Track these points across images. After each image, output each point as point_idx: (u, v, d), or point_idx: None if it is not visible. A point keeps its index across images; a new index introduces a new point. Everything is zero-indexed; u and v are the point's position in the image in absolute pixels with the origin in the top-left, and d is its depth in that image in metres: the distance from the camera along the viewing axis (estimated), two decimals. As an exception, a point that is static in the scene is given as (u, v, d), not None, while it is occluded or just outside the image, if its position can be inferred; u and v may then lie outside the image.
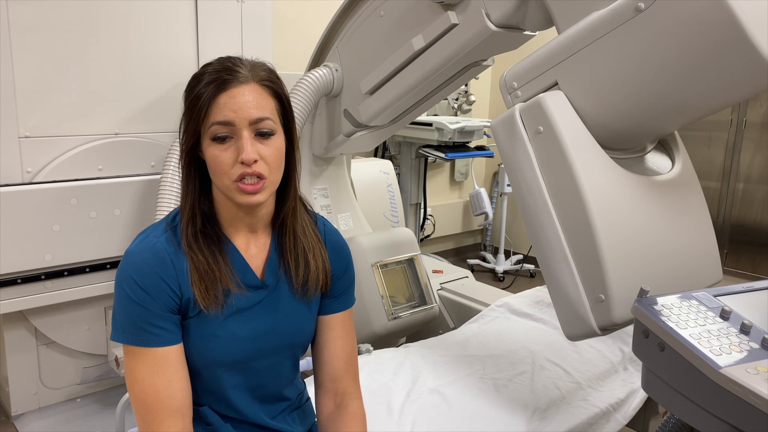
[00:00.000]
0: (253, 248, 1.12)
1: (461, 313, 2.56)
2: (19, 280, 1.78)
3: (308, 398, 1.29)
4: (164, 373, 1.01)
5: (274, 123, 1.04)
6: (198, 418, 1.11)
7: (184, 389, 1.04)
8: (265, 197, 1.04)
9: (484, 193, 4.02)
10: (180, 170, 1.08)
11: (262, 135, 1.02)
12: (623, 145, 1.41)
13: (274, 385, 1.16)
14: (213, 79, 1.00)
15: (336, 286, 1.20)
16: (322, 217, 1.25)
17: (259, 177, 1.01)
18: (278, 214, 1.13)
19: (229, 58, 1.05)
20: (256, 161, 1.00)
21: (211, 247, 1.05)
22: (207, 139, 1.01)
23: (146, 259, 1.02)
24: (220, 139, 1.00)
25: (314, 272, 1.14)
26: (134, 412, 1.03)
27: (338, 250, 1.21)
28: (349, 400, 1.21)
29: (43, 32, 1.75)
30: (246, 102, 1.00)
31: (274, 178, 1.05)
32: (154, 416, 1.00)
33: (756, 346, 0.95)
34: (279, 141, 1.05)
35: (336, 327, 1.21)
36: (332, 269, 1.19)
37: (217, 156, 1.00)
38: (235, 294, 1.07)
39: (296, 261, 1.12)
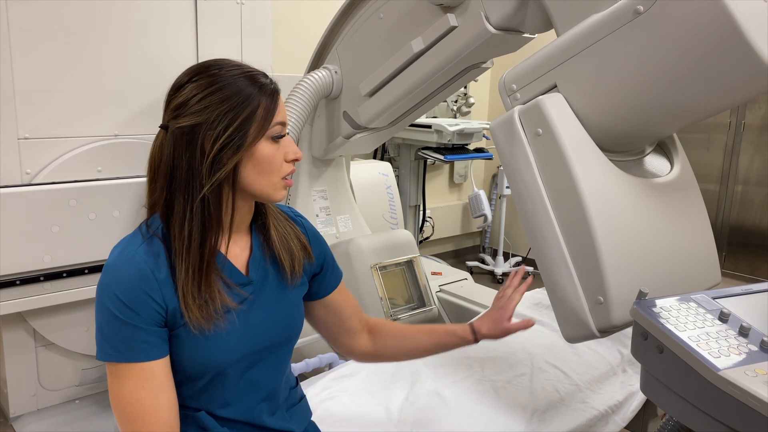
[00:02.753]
0: (236, 248, 1.13)
1: (460, 314, 2.56)
2: (17, 282, 1.77)
3: (303, 396, 1.29)
4: (149, 387, 1.00)
5: None
6: (194, 424, 1.10)
7: (171, 402, 1.02)
8: None
9: (483, 195, 4.02)
10: (207, 185, 1.02)
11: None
12: (622, 147, 1.41)
13: (270, 380, 1.17)
14: (264, 84, 1.06)
15: (324, 265, 1.26)
16: (294, 209, 1.31)
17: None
18: (256, 210, 1.17)
19: (254, 68, 1.09)
20: None
21: (207, 266, 1.04)
22: (264, 139, 1.04)
23: (128, 273, 1.00)
24: (277, 138, 1.06)
25: (297, 255, 1.18)
26: (119, 426, 1.01)
27: (314, 237, 1.27)
28: (374, 320, 1.35)
29: (42, 33, 1.75)
30: (285, 108, 1.10)
31: None
32: (140, 427, 0.99)
33: (755, 348, 0.95)
34: None
35: (341, 299, 1.30)
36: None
37: (273, 155, 1.06)
38: (225, 295, 1.07)
39: (284, 250, 1.17)
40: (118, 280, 1.00)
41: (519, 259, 4.59)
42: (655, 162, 1.49)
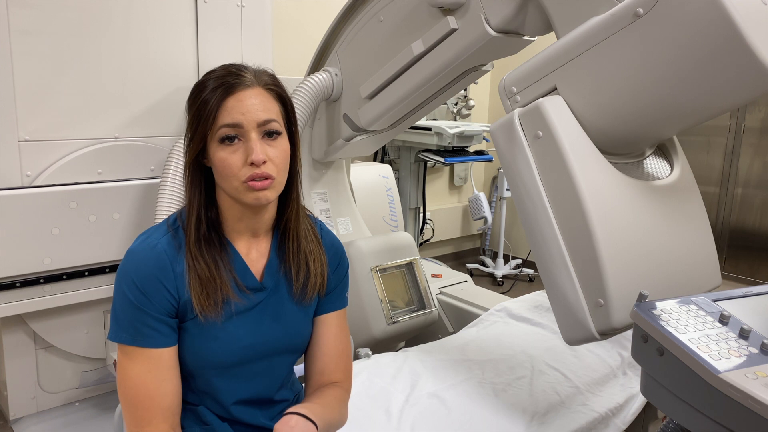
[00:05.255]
0: (255, 253, 1.13)
1: (460, 317, 2.56)
2: (18, 284, 1.77)
3: None
4: (156, 373, 1.03)
5: (280, 125, 1.06)
6: (195, 417, 1.11)
7: (175, 390, 1.05)
8: (273, 196, 1.06)
9: (483, 197, 4.02)
10: (184, 177, 1.09)
11: (269, 135, 1.04)
12: (622, 149, 1.41)
13: (270, 389, 1.16)
14: (219, 84, 1.02)
15: (328, 284, 1.21)
16: (320, 220, 1.26)
17: (267, 177, 1.03)
18: (280, 218, 1.14)
19: (232, 65, 1.07)
20: (265, 162, 1.02)
21: (213, 253, 1.06)
22: (215, 142, 1.03)
23: (147, 260, 1.03)
24: (228, 140, 1.02)
25: (314, 276, 1.15)
26: (123, 409, 1.04)
27: (333, 250, 1.23)
28: (333, 383, 1.20)
29: (43, 36, 1.75)
30: (253, 105, 1.02)
31: (281, 178, 1.07)
32: (143, 414, 1.02)
33: (755, 350, 0.95)
34: (285, 143, 1.07)
35: (332, 325, 1.22)
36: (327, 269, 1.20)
37: (225, 159, 1.02)
38: (234, 298, 1.07)
39: (298, 265, 1.14)
40: (137, 266, 1.03)
41: (519, 261, 4.59)
42: (655, 164, 1.49)
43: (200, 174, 1.08)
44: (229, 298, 1.06)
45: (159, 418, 1.02)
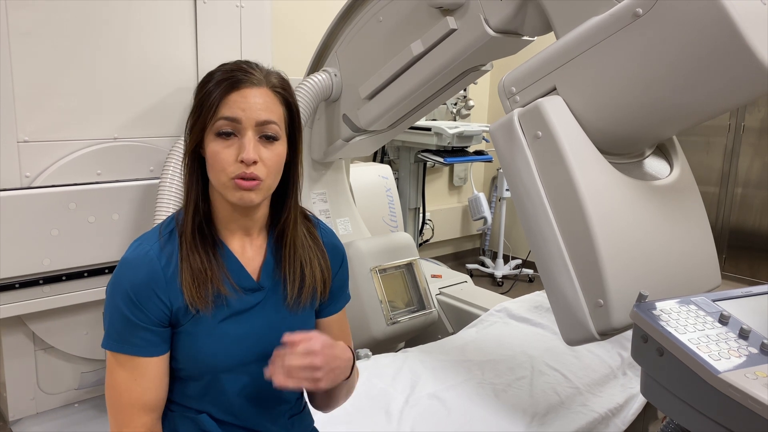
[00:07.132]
0: (250, 251, 1.12)
1: (460, 318, 2.56)
2: (17, 285, 1.77)
3: (306, 404, 1.29)
4: (141, 381, 1.04)
5: (280, 129, 1.04)
6: (196, 426, 1.10)
7: (159, 397, 1.07)
8: (258, 199, 1.04)
9: (482, 197, 4.02)
10: (183, 168, 1.08)
11: (267, 138, 1.03)
12: (622, 149, 1.41)
13: (272, 388, 1.16)
14: (226, 77, 1.02)
15: (333, 285, 1.21)
16: (319, 220, 1.25)
17: (255, 179, 1.01)
18: (275, 220, 1.14)
19: (245, 61, 1.06)
20: (255, 162, 1.00)
21: (206, 247, 1.06)
22: (211, 134, 1.02)
23: (139, 269, 1.03)
24: (224, 135, 1.01)
25: (309, 285, 1.14)
26: (107, 407, 1.06)
27: (336, 251, 1.23)
28: None
29: (42, 37, 1.75)
30: (256, 103, 1.01)
31: (270, 182, 1.05)
32: (123, 417, 1.04)
33: (755, 351, 0.95)
34: (281, 148, 1.05)
35: (339, 321, 1.25)
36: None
37: (218, 152, 1.01)
38: (229, 297, 1.07)
39: (293, 274, 1.12)
40: (129, 276, 1.03)
41: (519, 261, 4.59)
42: (654, 164, 1.49)
43: (198, 165, 1.07)
44: (221, 293, 1.06)
45: (138, 422, 1.04)
